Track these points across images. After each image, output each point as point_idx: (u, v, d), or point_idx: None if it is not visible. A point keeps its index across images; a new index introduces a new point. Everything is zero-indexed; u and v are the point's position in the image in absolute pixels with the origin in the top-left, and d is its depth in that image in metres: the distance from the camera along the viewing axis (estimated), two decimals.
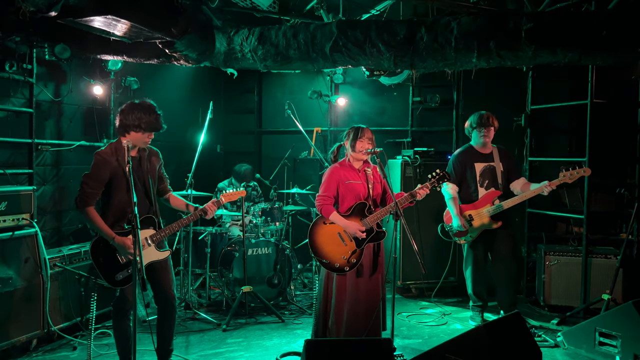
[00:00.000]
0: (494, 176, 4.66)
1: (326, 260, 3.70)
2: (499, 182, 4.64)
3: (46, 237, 4.71)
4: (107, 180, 3.28)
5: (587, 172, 4.33)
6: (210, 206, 3.53)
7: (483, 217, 4.58)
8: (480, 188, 4.67)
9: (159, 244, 3.44)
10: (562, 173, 4.34)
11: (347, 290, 3.70)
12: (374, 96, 7.05)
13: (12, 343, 3.82)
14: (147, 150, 3.47)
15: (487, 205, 4.59)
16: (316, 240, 3.74)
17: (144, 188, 3.41)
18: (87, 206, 3.24)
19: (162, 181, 3.64)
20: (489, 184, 4.66)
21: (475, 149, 4.74)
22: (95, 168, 3.27)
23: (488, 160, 4.70)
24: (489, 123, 4.61)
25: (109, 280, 3.29)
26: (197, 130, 5.63)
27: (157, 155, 3.59)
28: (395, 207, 3.51)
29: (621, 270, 4.68)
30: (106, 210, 3.34)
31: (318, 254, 3.72)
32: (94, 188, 3.26)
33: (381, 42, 4.19)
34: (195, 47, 4.25)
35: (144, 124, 3.27)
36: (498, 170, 4.66)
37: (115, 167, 3.29)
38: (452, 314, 5.16)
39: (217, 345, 4.28)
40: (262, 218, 5.47)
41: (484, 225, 4.60)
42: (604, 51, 3.89)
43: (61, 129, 5.15)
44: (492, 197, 4.61)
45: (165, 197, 3.67)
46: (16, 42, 4.33)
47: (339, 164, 3.87)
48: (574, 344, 4.15)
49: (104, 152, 3.31)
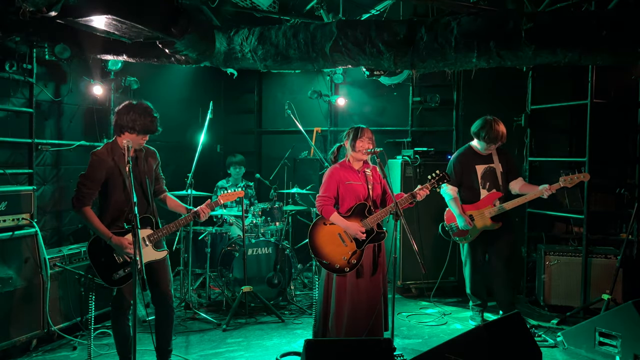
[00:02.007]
0: (494, 177, 4.67)
1: (326, 261, 3.70)
2: (499, 183, 4.65)
3: (46, 237, 4.71)
4: (104, 180, 3.28)
5: (586, 178, 4.36)
6: (204, 209, 3.52)
7: (485, 218, 4.59)
8: (482, 190, 4.67)
9: (157, 244, 3.44)
10: (562, 178, 4.35)
11: (347, 291, 3.70)
12: (374, 96, 7.04)
13: (12, 343, 3.82)
14: (143, 150, 3.47)
15: (488, 207, 4.60)
16: (316, 241, 3.74)
17: (141, 188, 3.41)
18: (84, 206, 3.25)
19: (157, 181, 3.63)
20: (490, 185, 4.67)
21: (475, 150, 4.74)
22: (91, 168, 3.27)
23: (488, 162, 4.70)
24: (497, 140, 4.55)
25: (106, 279, 3.29)
26: (197, 130, 5.63)
27: (155, 155, 3.58)
28: (396, 207, 3.50)
29: (621, 270, 4.68)
30: (103, 210, 3.35)
31: (318, 255, 3.72)
32: (91, 188, 3.26)
33: (381, 42, 4.18)
34: (195, 47, 4.24)
35: (137, 125, 3.27)
36: (498, 171, 4.67)
37: (112, 167, 3.29)
38: (452, 314, 5.15)
39: (217, 345, 4.28)
40: (262, 218, 5.47)
41: (485, 226, 4.60)
42: (604, 51, 3.88)
43: (61, 129, 5.15)
44: (493, 199, 4.62)
45: (161, 197, 3.66)
46: (16, 42, 4.34)
47: (339, 164, 3.87)
48: (574, 344, 4.15)
49: (100, 152, 3.31)
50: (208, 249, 5.17)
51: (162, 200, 3.67)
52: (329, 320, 3.75)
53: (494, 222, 4.58)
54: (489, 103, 6.06)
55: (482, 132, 4.58)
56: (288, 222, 5.80)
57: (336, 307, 3.71)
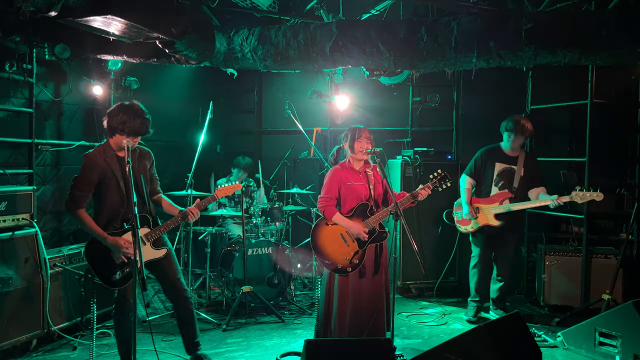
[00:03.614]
0: (510, 179, 4.70)
1: (329, 261, 3.70)
2: (514, 185, 4.67)
3: (46, 237, 4.71)
4: (97, 182, 3.28)
5: (599, 197, 4.24)
6: (192, 210, 3.46)
7: (488, 213, 4.65)
8: (494, 187, 4.73)
9: (156, 243, 3.44)
10: (575, 193, 4.31)
11: (350, 290, 3.70)
12: (374, 96, 7.03)
13: (12, 343, 3.82)
14: (137, 150, 3.47)
15: (495, 203, 4.66)
16: (319, 241, 3.74)
17: (136, 187, 3.41)
18: (78, 209, 3.25)
19: (152, 182, 3.62)
20: (504, 185, 4.71)
21: (502, 149, 4.79)
22: (83, 171, 3.27)
23: (510, 163, 4.73)
24: (521, 132, 4.62)
25: (105, 281, 3.29)
26: (197, 130, 5.62)
27: (149, 155, 3.58)
28: (396, 207, 3.51)
29: (621, 270, 4.69)
30: (98, 211, 3.35)
31: (320, 255, 3.72)
32: (83, 191, 3.26)
33: (381, 42, 4.18)
34: (195, 47, 4.24)
35: (127, 128, 3.24)
36: (518, 174, 4.68)
37: (104, 169, 3.28)
38: (452, 314, 5.15)
39: (217, 345, 4.28)
40: (262, 218, 5.47)
41: (488, 222, 4.68)
42: (604, 51, 3.88)
43: (61, 129, 5.15)
44: (502, 197, 4.67)
45: (155, 198, 3.65)
46: (16, 42, 4.34)
47: (339, 165, 3.87)
48: (574, 344, 4.15)
49: (92, 155, 3.31)
50: (208, 249, 5.17)
51: (156, 201, 3.65)
52: (331, 320, 3.75)
53: (497, 220, 4.63)
54: (489, 103, 6.06)
55: (507, 123, 4.69)
56: (288, 222, 5.80)
57: (339, 306, 3.71)
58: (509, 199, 4.64)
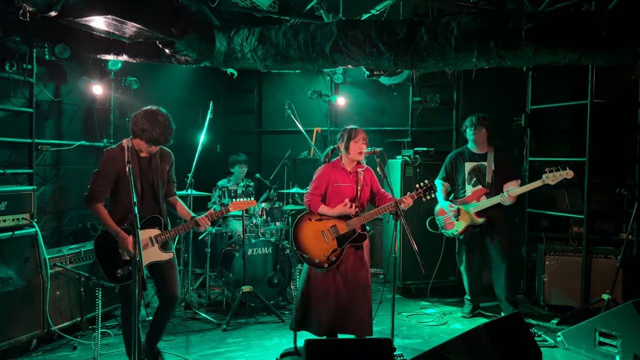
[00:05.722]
0: (482, 174, 4.82)
1: (307, 255, 3.77)
2: (487, 180, 4.78)
3: (46, 237, 4.71)
4: (115, 177, 3.31)
5: (570, 175, 4.42)
6: (204, 220, 3.52)
7: (469, 212, 4.75)
8: (468, 186, 4.86)
9: (164, 245, 3.45)
10: (545, 175, 4.46)
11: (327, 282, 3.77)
12: (374, 96, 7.04)
13: (12, 343, 3.82)
14: (159, 150, 3.50)
15: (473, 202, 4.78)
16: (300, 235, 3.82)
17: (151, 188, 3.43)
18: (96, 203, 3.30)
19: (169, 184, 3.65)
20: (476, 182, 4.84)
21: (469, 149, 4.94)
22: (103, 165, 3.33)
23: (479, 160, 4.87)
24: (478, 124, 4.79)
25: (109, 275, 3.33)
26: (197, 130, 5.63)
27: (170, 157, 3.62)
28: (396, 207, 3.53)
29: (621, 270, 4.69)
30: (113, 207, 3.39)
31: (300, 248, 3.80)
32: (102, 186, 3.31)
33: (381, 42, 4.18)
34: (195, 47, 4.24)
35: (145, 135, 3.30)
36: (489, 169, 4.80)
37: (122, 166, 3.30)
38: (452, 314, 5.15)
39: (217, 345, 4.28)
40: (262, 218, 5.47)
41: (471, 221, 4.77)
42: (604, 51, 3.88)
43: (61, 128, 5.15)
44: (478, 194, 4.78)
45: (170, 200, 3.68)
46: (16, 42, 4.34)
47: (331, 164, 3.92)
48: (574, 344, 4.15)
49: (112, 150, 3.37)
50: (208, 249, 5.17)
51: (171, 203, 3.69)
52: (309, 309, 3.80)
53: (478, 217, 4.74)
54: (489, 103, 6.06)
55: (465, 122, 4.91)
56: (288, 222, 5.80)
57: (313, 296, 3.78)
58: (484, 194, 4.76)
